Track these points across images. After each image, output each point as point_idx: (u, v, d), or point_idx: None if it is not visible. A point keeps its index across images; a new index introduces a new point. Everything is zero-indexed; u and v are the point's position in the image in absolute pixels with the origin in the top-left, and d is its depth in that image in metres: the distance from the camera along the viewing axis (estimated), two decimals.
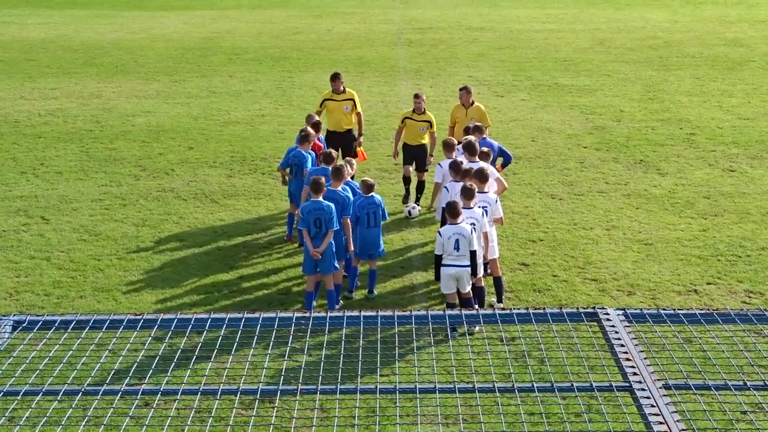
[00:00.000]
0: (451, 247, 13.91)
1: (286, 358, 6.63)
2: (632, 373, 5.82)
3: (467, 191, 14.52)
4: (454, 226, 13.94)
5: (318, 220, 14.55)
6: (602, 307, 6.65)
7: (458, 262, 13.96)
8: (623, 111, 28.87)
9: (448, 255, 13.99)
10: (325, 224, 14.55)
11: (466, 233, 13.86)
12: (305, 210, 14.69)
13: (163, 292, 16.02)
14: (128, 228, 19.06)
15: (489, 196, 15.18)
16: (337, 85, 20.55)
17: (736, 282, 16.26)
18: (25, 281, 16.46)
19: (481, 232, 14.49)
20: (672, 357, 6.84)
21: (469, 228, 13.91)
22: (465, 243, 13.89)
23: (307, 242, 14.64)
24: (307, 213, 14.61)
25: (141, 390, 5.91)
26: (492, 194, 15.36)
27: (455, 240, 13.87)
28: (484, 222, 14.60)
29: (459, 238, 13.87)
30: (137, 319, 6.53)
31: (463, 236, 13.86)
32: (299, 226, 15.11)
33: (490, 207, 15.00)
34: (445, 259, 14.01)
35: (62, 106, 30.14)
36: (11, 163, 23.65)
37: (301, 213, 14.92)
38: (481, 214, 14.56)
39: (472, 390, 5.88)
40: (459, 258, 13.94)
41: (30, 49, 41.42)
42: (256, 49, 40.85)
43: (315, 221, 14.56)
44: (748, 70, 35.59)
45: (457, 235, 13.88)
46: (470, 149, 16.68)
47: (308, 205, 14.69)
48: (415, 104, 20.13)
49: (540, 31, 45.87)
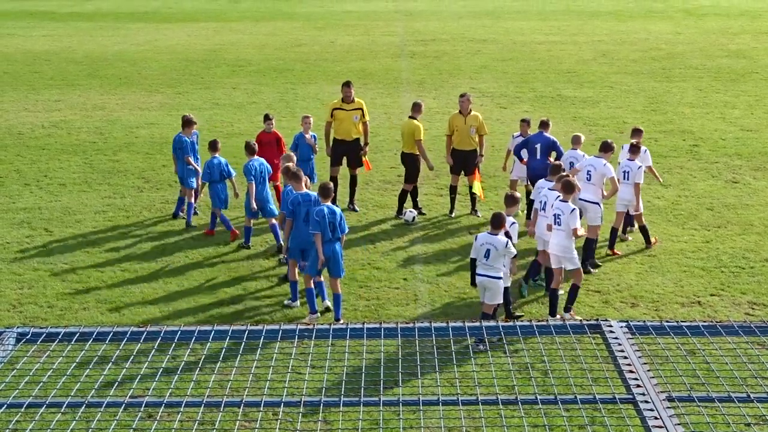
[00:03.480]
0: (481, 255, 14.13)
1: (290, 370, 6.63)
2: (635, 385, 5.81)
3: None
4: (489, 235, 14.12)
5: (332, 224, 14.91)
6: (605, 319, 6.65)
7: (485, 272, 14.13)
8: (626, 122, 28.87)
9: (479, 262, 14.18)
10: (339, 228, 15.00)
11: (500, 246, 13.98)
12: (319, 214, 14.81)
13: (167, 304, 16.02)
14: (131, 240, 19.08)
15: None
16: (348, 93, 20.59)
17: (740, 294, 16.24)
18: (28, 293, 16.47)
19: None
20: (675, 369, 6.83)
21: (504, 241, 14.00)
22: (496, 255, 14.01)
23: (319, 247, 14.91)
24: (322, 217, 14.80)
25: (144, 402, 5.91)
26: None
27: (486, 249, 14.07)
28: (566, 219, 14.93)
29: (490, 248, 14.03)
30: (141, 332, 6.54)
31: (495, 248, 13.99)
32: (312, 230, 15.07)
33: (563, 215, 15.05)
34: (478, 266, 14.22)
35: (66, 117, 30.21)
36: (15, 175, 23.69)
37: (316, 216, 14.95)
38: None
39: (476, 402, 5.88)
40: (487, 268, 14.09)
41: (34, 61, 41.53)
42: (260, 61, 40.93)
43: (329, 225, 14.89)
44: (751, 82, 35.61)
45: (489, 245, 14.04)
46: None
47: (321, 209, 14.83)
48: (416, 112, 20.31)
49: (543, 42, 45.94)
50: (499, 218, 14.23)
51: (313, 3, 66.12)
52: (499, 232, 14.11)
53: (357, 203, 20.96)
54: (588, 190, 17.17)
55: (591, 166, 17.43)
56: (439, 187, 22.10)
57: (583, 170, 17.53)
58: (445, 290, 16.49)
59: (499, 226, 14.15)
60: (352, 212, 20.64)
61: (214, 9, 62.28)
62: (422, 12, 59.98)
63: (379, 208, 20.99)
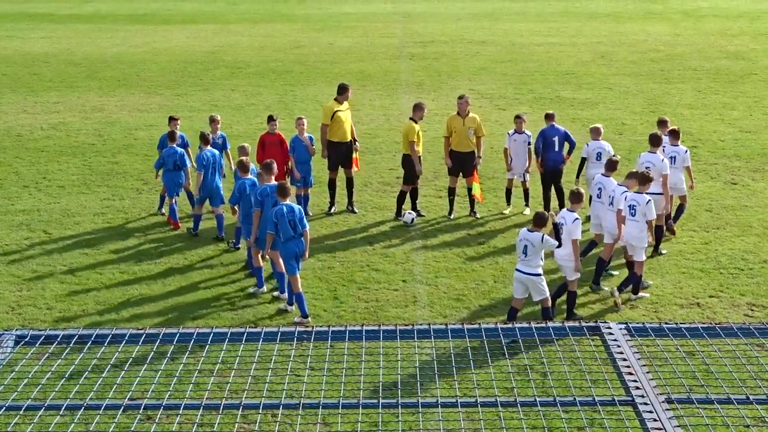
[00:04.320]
0: (520, 251, 14.36)
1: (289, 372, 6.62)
2: (635, 387, 5.81)
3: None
4: (528, 232, 14.33)
5: (292, 222, 15.30)
6: (604, 321, 6.65)
7: (523, 268, 14.36)
8: (625, 124, 28.90)
9: (518, 258, 14.45)
10: (300, 225, 15.44)
11: (536, 242, 14.15)
12: (278, 214, 15.22)
13: (166, 306, 16.02)
14: (130, 242, 19.07)
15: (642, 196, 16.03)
16: (346, 96, 20.66)
17: (739, 295, 16.25)
18: (27, 295, 16.47)
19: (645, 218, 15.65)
20: (674, 371, 6.83)
21: (539, 236, 14.17)
22: (533, 251, 14.21)
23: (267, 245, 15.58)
24: (280, 217, 15.19)
25: (143, 405, 5.91)
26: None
27: (524, 245, 14.28)
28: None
29: (528, 244, 14.23)
30: (139, 334, 6.53)
31: (532, 244, 14.18)
32: (269, 230, 15.49)
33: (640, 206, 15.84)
34: (517, 262, 14.48)
35: (65, 119, 30.20)
36: (14, 177, 23.69)
37: (273, 217, 15.35)
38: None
39: (475, 404, 5.88)
40: (525, 264, 14.31)
41: (33, 63, 41.52)
42: (259, 63, 40.93)
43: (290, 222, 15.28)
44: (750, 83, 35.62)
45: (527, 241, 14.25)
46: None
47: (280, 209, 15.24)
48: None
49: (542, 44, 45.94)
50: (541, 217, 14.49)
51: (312, 5, 66.12)
52: (538, 230, 14.29)
53: (356, 205, 20.95)
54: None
55: (650, 163, 17.85)
56: (437, 189, 22.10)
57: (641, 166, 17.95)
58: (444, 292, 16.49)
59: (540, 224, 14.38)
60: (351, 214, 20.65)
61: (213, 11, 62.28)
62: (421, 14, 59.99)
63: (377, 210, 20.98)
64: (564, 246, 15.01)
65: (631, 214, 15.85)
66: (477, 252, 18.41)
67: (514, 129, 20.62)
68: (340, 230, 19.76)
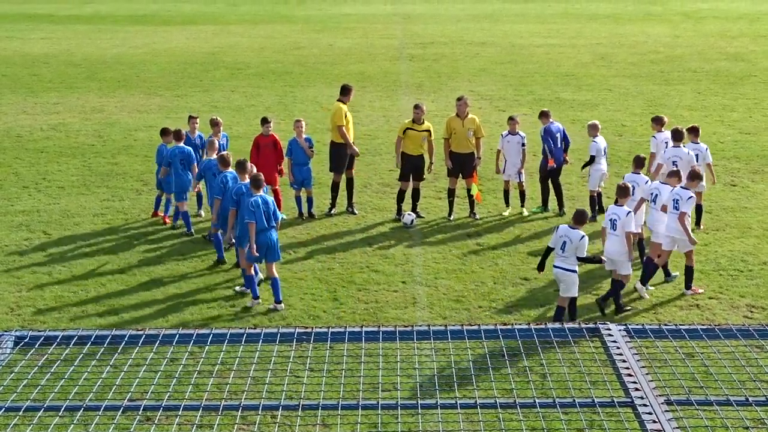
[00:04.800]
0: (558, 247, 14.63)
1: (288, 373, 6.62)
2: (634, 388, 5.81)
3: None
4: (568, 228, 14.58)
5: (266, 213, 15.75)
6: (604, 323, 6.65)
7: (560, 264, 14.61)
8: (625, 125, 28.92)
9: (556, 254, 14.67)
10: (274, 217, 15.92)
11: (575, 239, 14.39)
12: (254, 205, 15.58)
13: (165, 307, 16.02)
14: (130, 243, 19.07)
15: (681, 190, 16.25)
16: (350, 97, 20.72)
17: (738, 297, 16.24)
18: (26, 296, 16.46)
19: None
20: (674, 372, 6.83)
21: (579, 234, 14.39)
22: (571, 247, 14.42)
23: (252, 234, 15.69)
24: (257, 207, 15.57)
25: (143, 406, 5.91)
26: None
27: (563, 241, 14.53)
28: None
29: (567, 240, 14.47)
30: (139, 335, 6.53)
31: (570, 240, 14.40)
32: (247, 219, 15.74)
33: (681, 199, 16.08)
34: (555, 258, 14.71)
35: (64, 120, 30.20)
36: (13, 178, 23.68)
37: (251, 207, 15.63)
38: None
39: (474, 406, 5.87)
40: (563, 260, 14.54)
41: (32, 63, 41.53)
42: (258, 64, 40.94)
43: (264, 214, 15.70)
44: (750, 85, 35.63)
45: (566, 237, 14.49)
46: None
47: (256, 200, 15.61)
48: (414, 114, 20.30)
49: (541, 45, 45.96)
50: (581, 214, 14.75)
51: (312, 6, 66.16)
52: (578, 227, 14.53)
53: (355, 206, 20.95)
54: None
55: (676, 157, 18.50)
56: (437, 191, 22.10)
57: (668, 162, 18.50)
58: (443, 293, 16.49)
59: (580, 221, 14.64)
60: (350, 215, 20.65)
61: (213, 12, 62.31)
62: (421, 15, 60.01)
63: (377, 211, 20.98)
64: (617, 241, 15.35)
65: (674, 208, 16.11)
66: (476, 253, 18.41)
67: (507, 130, 20.71)
68: (340, 231, 19.76)
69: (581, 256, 14.53)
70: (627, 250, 15.36)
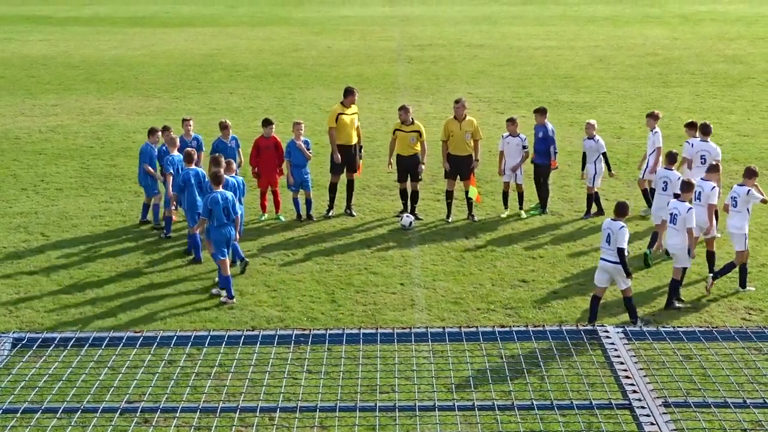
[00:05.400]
0: (603, 240, 14.88)
1: (286, 375, 6.62)
2: (632, 390, 5.81)
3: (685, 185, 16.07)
4: (611, 221, 14.78)
5: (225, 209, 16.14)
6: (601, 325, 6.65)
7: (607, 257, 14.79)
8: (623, 128, 28.93)
9: (602, 247, 14.95)
10: (233, 211, 16.34)
11: (615, 230, 14.58)
12: (212, 202, 16.00)
13: (163, 309, 16.01)
14: (128, 244, 19.06)
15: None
16: (352, 100, 20.67)
17: (736, 299, 16.24)
18: (24, 297, 16.46)
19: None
20: (671, 375, 6.83)
21: (618, 225, 14.59)
22: (614, 240, 14.61)
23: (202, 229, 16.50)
24: (215, 204, 16.00)
25: (140, 407, 5.90)
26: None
27: (607, 234, 14.76)
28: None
29: (610, 233, 14.67)
30: (137, 336, 6.53)
31: (613, 232, 14.62)
32: (202, 215, 16.40)
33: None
34: (601, 251, 14.99)
35: (63, 122, 30.19)
36: (12, 180, 23.67)
37: (208, 204, 16.11)
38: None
39: (472, 408, 5.87)
40: (609, 253, 14.72)
41: (31, 65, 41.52)
42: (257, 66, 40.93)
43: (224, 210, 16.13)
44: (748, 87, 35.65)
45: (609, 230, 14.71)
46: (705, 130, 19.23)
47: (215, 196, 16.04)
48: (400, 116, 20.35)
49: (540, 48, 45.98)
50: (622, 206, 14.94)
51: (310, 8, 66.18)
52: (620, 219, 14.71)
53: (354, 208, 20.95)
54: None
55: (705, 152, 18.94)
56: (435, 193, 22.11)
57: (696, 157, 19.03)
58: (442, 295, 16.49)
59: (621, 213, 14.81)
60: (349, 217, 20.65)
61: (211, 14, 62.31)
62: (419, 17, 60.03)
63: (376, 213, 20.99)
64: (678, 234, 15.57)
65: (733, 205, 16.37)
66: (475, 255, 18.41)
67: (507, 133, 20.72)
68: (338, 233, 19.76)
69: (621, 246, 14.68)
70: (686, 245, 15.59)
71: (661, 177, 17.88)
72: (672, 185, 17.34)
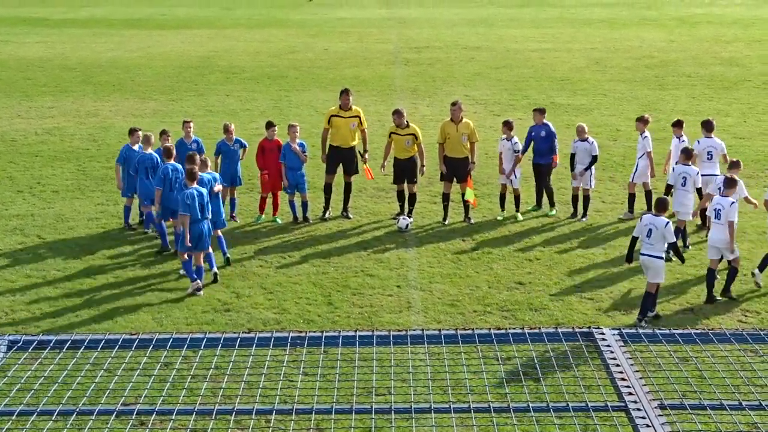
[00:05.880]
0: (644, 235, 15.14)
1: (282, 377, 6.62)
2: (628, 392, 5.81)
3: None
4: (653, 216, 15.09)
5: (201, 205, 16.64)
6: (597, 327, 6.65)
7: (647, 251, 15.11)
8: (619, 130, 28.95)
9: (642, 242, 15.20)
10: (207, 207, 16.85)
11: (660, 226, 14.94)
12: (189, 198, 16.45)
13: (159, 311, 16.00)
14: (125, 247, 19.06)
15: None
16: (345, 101, 20.65)
17: (734, 302, 16.25)
18: (20, 300, 16.44)
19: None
20: (667, 377, 6.84)
21: (664, 221, 14.94)
22: (657, 234, 14.94)
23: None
24: (192, 199, 16.45)
25: (136, 410, 5.89)
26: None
27: (648, 229, 15.05)
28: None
29: (652, 228, 15.00)
30: (132, 339, 6.53)
31: (656, 227, 14.97)
32: (182, 211, 16.65)
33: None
34: (642, 246, 15.21)
35: (59, 124, 30.18)
36: (8, 182, 23.66)
37: (186, 200, 16.51)
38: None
39: (468, 410, 5.87)
40: (649, 247, 15.04)
41: (27, 67, 41.50)
42: (254, 68, 40.93)
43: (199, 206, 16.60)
44: (744, 90, 35.70)
45: (651, 225, 15.01)
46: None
47: (191, 192, 16.50)
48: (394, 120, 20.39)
49: (536, 50, 46.01)
50: (663, 202, 15.30)
51: (307, 10, 66.20)
52: (662, 214, 15.03)
53: (350, 210, 20.96)
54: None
55: (711, 147, 19.52)
56: (432, 195, 22.11)
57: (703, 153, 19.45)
58: (438, 297, 16.49)
59: (662, 209, 15.14)
60: (345, 219, 20.65)
61: (208, 16, 62.31)
62: (416, 19, 60.06)
63: (372, 216, 20.99)
64: (721, 230, 15.99)
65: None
66: (471, 258, 18.42)
67: (504, 135, 20.77)
68: (335, 236, 19.76)
69: (672, 241, 15.01)
70: (730, 239, 15.97)
71: (680, 173, 18.17)
72: (691, 180, 17.86)
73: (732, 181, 16.47)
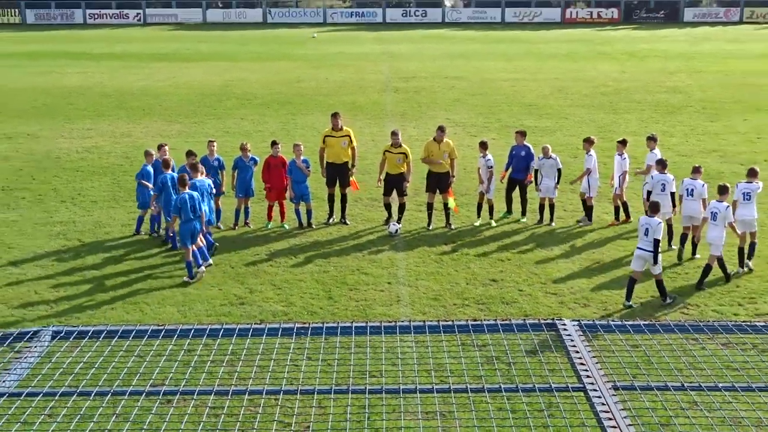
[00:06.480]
0: (641, 234, 15.50)
1: (289, 362, 6.60)
2: (586, 375, 5.81)
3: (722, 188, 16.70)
4: (647, 217, 15.48)
5: (192, 207, 16.88)
6: (560, 319, 6.64)
7: (644, 246, 15.45)
8: (579, 149, 28.93)
9: (639, 239, 15.55)
10: (199, 208, 17.07)
11: (654, 225, 15.32)
12: (181, 201, 16.77)
13: (183, 304, 15.96)
14: (154, 249, 19.01)
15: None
16: (336, 122, 20.63)
17: (676, 295, 16.26)
18: (63, 295, 16.39)
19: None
20: (620, 361, 6.83)
21: (656, 221, 15.33)
22: (652, 233, 15.27)
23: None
24: (183, 203, 16.78)
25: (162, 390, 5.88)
26: None
27: (645, 228, 15.44)
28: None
29: (648, 227, 15.38)
30: (160, 329, 6.51)
31: (650, 226, 15.34)
32: (173, 212, 17.14)
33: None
34: (639, 242, 15.58)
35: (97, 144, 30.11)
36: (53, 194, 23.60)
37: (178, 203, 16.86)
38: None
39: (448, 390, 5.87)
40: (647, 243, 15.38)
41: (69, 94, 41.42)
42: (265, 95, 40.90)
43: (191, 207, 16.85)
44: (686, 114, 35.76)
45: (647, 225, 15.41)
46: None
47: (183, 197, 16.80)
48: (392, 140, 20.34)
49: (507, 80, 46.06)
50: (655, 205, 15.72)
51: (311, 46, 66.19)
52: (654, 215, 15.45)
53: (348, 218, 20.95)
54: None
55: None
56: (418, 204, 22.10)
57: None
58: (423, 292, 16.48)
59: (655, 211, 15.57)
60: (343, 225, 20.65)
61: (226, 50, 62.28)
62: (405, 53, 60.09)
63: (367, 222, 20.99)
64: (716, 229, 16.25)
65: (746, 199, 17.22)
66: (452, 258, 18.41)
67: (482, 154, 20.79)
68: (335, 239, 19.75)
69: (657, 237, 15.24)
70: (724, 236, 16.27)
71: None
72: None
73: (725, 188, 16.62)
